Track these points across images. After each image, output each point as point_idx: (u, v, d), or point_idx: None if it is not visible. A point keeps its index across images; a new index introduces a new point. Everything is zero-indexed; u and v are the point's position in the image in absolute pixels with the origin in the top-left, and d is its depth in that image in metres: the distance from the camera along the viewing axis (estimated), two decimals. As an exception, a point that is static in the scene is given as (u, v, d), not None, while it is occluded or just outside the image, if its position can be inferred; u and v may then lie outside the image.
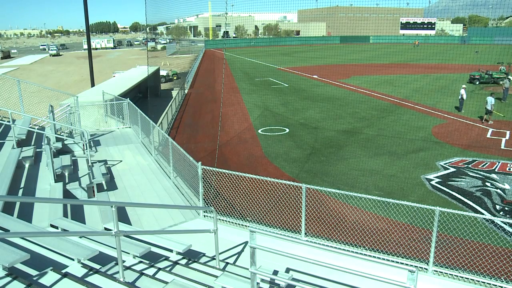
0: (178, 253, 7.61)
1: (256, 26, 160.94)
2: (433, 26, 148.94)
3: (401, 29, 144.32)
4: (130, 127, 19.02)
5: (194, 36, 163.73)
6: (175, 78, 51.47)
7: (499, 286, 8.37)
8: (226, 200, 11.78)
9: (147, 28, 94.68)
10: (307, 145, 21.75)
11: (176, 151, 12.53)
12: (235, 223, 10.65)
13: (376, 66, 59.27)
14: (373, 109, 30.34)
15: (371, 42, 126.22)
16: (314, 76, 47.57)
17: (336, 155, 20.17)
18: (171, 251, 7.67)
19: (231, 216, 10.84)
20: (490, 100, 27.25)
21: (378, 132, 24.39)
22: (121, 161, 14.36)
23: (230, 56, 76.18)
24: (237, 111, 29.84)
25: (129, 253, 6.80)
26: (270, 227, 10.76)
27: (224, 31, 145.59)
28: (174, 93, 38.34)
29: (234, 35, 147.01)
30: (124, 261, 6.15)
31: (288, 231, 10.39)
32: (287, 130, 24.49)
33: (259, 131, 24.52)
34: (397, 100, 34.27)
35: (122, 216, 9.91)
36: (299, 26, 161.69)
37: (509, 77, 38.38)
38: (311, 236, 10.23)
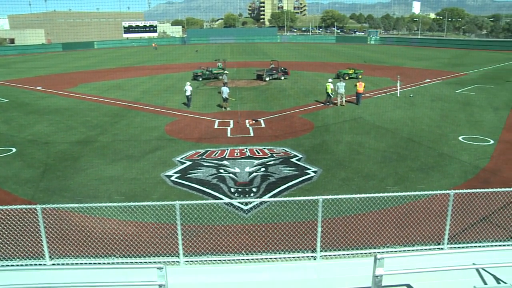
0: None
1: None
2: (155, 28, 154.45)
3: (124, 33, 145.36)
4: None
5: None
6: None
7: (242, 260, 9.38)
8: None
9: None
10: (40, 162, 20.26)
11: None
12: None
13: (103, 72, 58.50)
14: (105, 116, 30.01)
15: (96, 47, 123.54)
16: (38, 88, 44.27)
17: (72, 168, 19.34)
18: None
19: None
20: (225, 89, 30.79)
21: (113, 137, 24.28)
22: None
23: None
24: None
25: None
26: (8, 260, 9.77)
27: None
28: None
29: None
30: None
31: (31, 259, 9.63)
32: (14, 149, 22.31)
33: (-20, 155, 21.74)
34: (128, 103, 34.61)
35: None
36: (12, 33, 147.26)
37: (226, 72, 42.75)
38: (58, 258, 9.70)
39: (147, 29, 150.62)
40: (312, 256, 9.37)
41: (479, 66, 62.15)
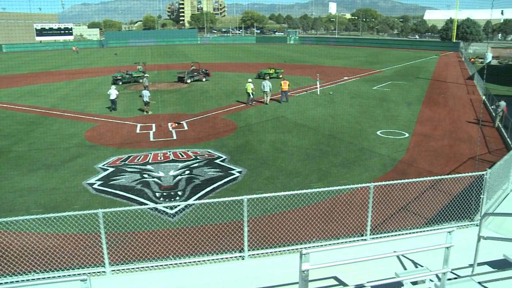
0: None
1: None
2: (71, 31, 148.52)
3: (37, 36, 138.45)
4: None
5: None
6: None
7: (170, 265, 9.21)
8: None
9: None
10: None
11: None
12: None
13: (15, 77, 55.23)
14: (19, 124, 28.38)
15: (4, 51, 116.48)
16: None
17: (-16, 181, 18.14)
18: None
19: None
20: (146, 93, 30.32)
21: (29, 147, 23.02)
22: None
23: None
24: None
25: None
26: None
27: None
28: None
29: None
30: None
31: None
32: None
33: None
34: (44, 110, 32.97)
35: None
36: None
37: (146, 75, 41.96)
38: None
39: (62, 31, 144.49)
40: (240, 256, 9.40)
41: (393, 64, 65.47)
